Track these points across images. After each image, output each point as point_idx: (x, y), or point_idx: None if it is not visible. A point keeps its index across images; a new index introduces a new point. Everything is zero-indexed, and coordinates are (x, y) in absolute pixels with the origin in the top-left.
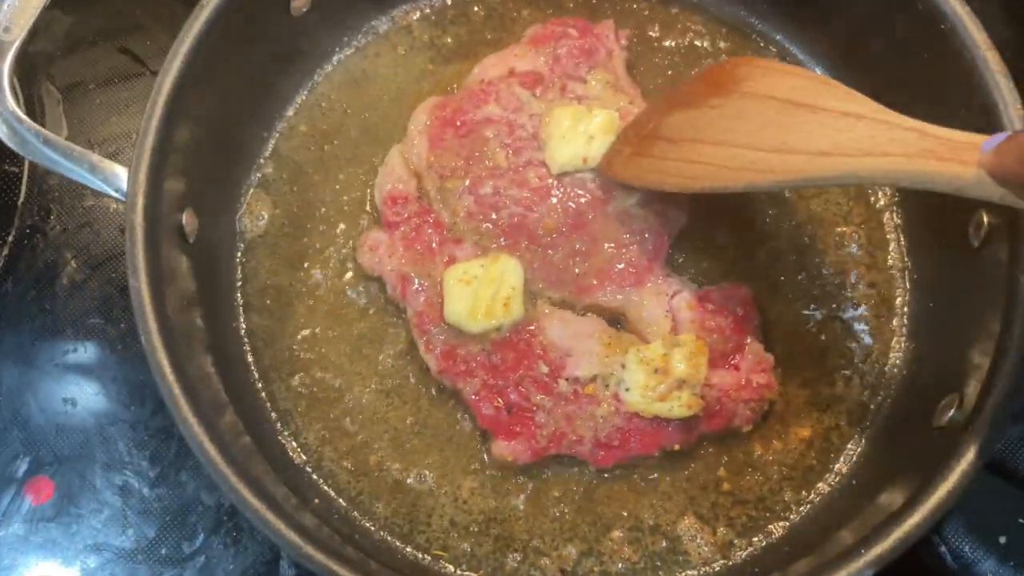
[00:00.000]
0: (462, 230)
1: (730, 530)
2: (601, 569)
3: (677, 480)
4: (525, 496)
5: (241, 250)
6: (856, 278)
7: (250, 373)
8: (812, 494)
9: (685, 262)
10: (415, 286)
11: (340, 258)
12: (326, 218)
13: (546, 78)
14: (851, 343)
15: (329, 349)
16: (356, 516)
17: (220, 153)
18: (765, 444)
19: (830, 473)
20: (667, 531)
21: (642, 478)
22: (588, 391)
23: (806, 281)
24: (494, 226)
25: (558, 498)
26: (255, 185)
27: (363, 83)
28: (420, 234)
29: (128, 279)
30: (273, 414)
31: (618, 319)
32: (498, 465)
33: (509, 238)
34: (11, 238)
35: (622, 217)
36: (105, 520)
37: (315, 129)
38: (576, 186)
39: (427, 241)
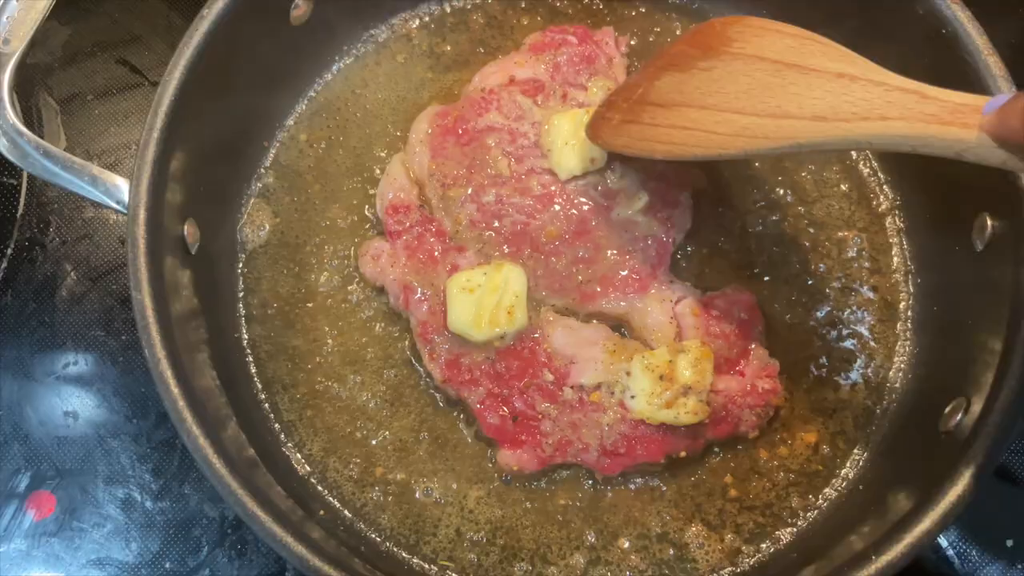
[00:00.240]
0: (465, 238)
1: (737, 537)
2: None
3: (683, 487)
4: (531, 505)
5: (242, 261)
6: (859, 283)
7: (253, 384)
8: (819, 500)
9: (688, 268)
10: (418, 295)
11: (342, 268)
12: (327, 228)
13: (547, 86)
14: (855, 348)
15: (332, 359)
16: (362, 527)
17: (221, 163)
18: (771, 450)
19: (836, 478)
20: (674, 539)
21: (648, 485)
22: (593, 399)
23: (809, 286)
24: (497, 234)
25: (564, 507)
26: (256, 195)
27: (363, 92)
28: (422, 243)
29: (131, 292)
30: (276, 425)
31: (622, 326)
32: (504, 474)
33: (512, 246)
34: (10, 251)
35: (625, 224)
36: (108, 534)
37: (315, 138)
38: (579, 193)
39: (429, 250)
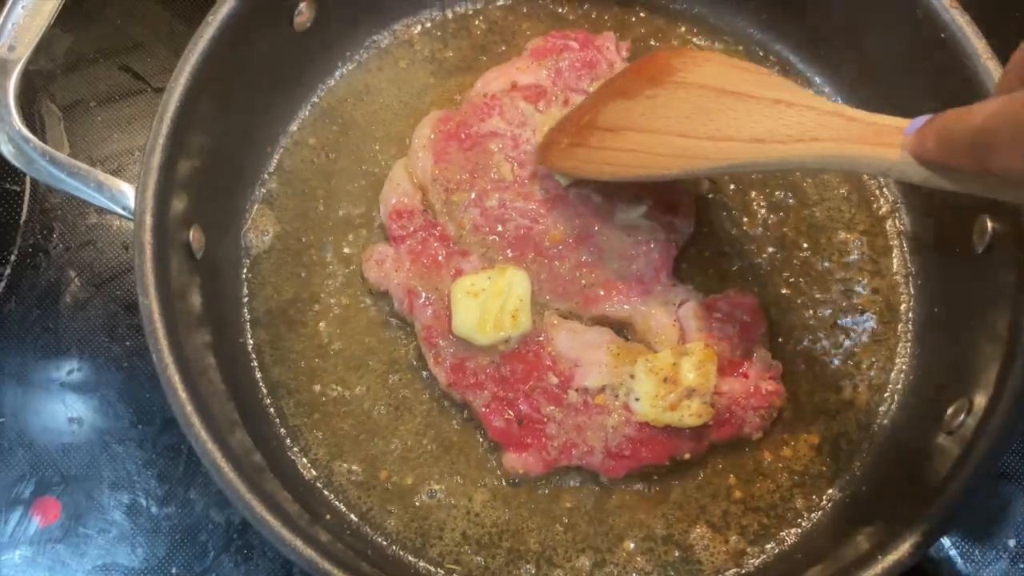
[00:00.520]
0: (468, 243)
1: (742, 538)
2: None
3: (688, 489)
4: (537, 508)
5: (247, 266)
6: (860, 285)
7: (258, 389)
8: (823, 500)
9: (691, 271)
10: (422, 299)
11: (346, 273)
12: (331, 233)
13: (549, 91)
14: (857, 349)
15: (337, 364)
16: (368, 531)
17: (225, 169)
18: (774, 452)
19: (840, 479)
20: (679, 540)
21: (653, 488)
22: (598, 402)
23: (810, 288)
24: (500, 238)
25: (570, 509)
26: (260, 200)
27: (366, 97)
28: (426, 247)
29: (138, 297)
30: (282, 430)
31: (626, 329)
32: (509, 477)
33: (515, 250)
34: (13, 257)
35: (628, 228)
36: (114, 540)
37: (319, 143)
38: (582, 198)
39: (433, 254)
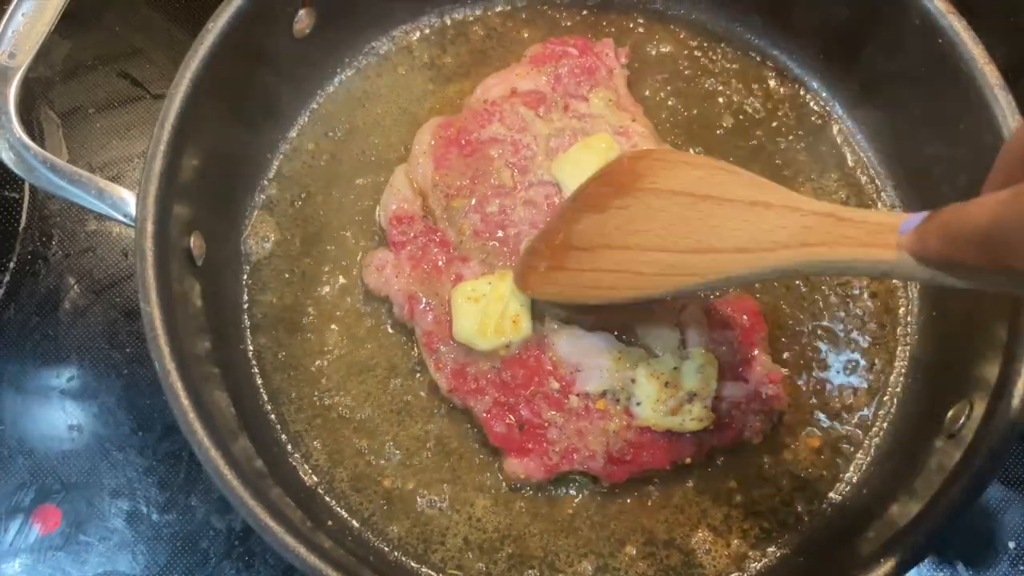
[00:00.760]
0: (469, 248)
1: (744, 542)
2: None
3: (689, 493)
4: (538, 513)
5: (247, 272)
6: (859, 289)
7: (259, 395)
8: (824, 504)
9: None
10: (423, 305)
11: (346, 278)
12: (331, 239)
13: (548, 97)
14: (856, 353)
15: (338, 369)
16: (370, 537)
17: (225, 175)
18: (775, 456)
19: (841, 483)
20: (681, 545)
21: (654, 492)
22: (599, 406)
23: (810, 293)
24: (501, 244)
25: (572, 514)
26: (259, 207)
27: (365, 103)
28: (426, 253)
29: (140, 304)
30: (283, 436)
31: (626, 334)
32: (511, 482)
33: (516, 255)
34: (12, 264)
35: None
36: (114, 547)
37: (318, 150)
38: None
39: (434, 260)
